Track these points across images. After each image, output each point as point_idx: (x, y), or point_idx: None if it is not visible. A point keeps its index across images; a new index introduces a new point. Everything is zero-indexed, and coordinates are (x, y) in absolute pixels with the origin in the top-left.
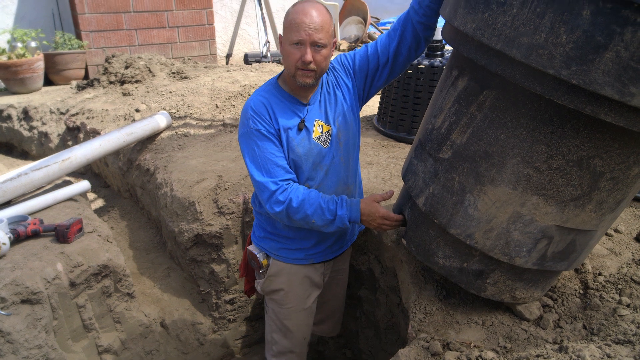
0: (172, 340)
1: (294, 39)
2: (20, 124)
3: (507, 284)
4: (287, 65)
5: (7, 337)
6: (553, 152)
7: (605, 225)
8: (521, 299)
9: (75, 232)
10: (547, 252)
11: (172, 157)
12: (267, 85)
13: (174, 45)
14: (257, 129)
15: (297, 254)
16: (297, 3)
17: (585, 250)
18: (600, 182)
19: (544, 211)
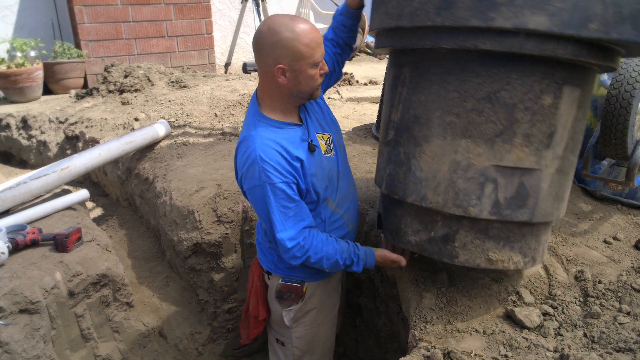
0: (171, 349)
1: (318, 59)
2: (19, 132)
3: (475, 244)
4: (308, 88)
5: (5, 347)
6: (464, 96)
7: (551, 164)
8: (499, 262)
9: (74, 241)
10: (498, 198)
11: (171, 166)
12: (258, 124)
13: (173, 55)
14: (271, 182)
15: (322, 276)
16: (294, 27)
17: (543, 197)
18: (516, 114)
19: (476, 152)
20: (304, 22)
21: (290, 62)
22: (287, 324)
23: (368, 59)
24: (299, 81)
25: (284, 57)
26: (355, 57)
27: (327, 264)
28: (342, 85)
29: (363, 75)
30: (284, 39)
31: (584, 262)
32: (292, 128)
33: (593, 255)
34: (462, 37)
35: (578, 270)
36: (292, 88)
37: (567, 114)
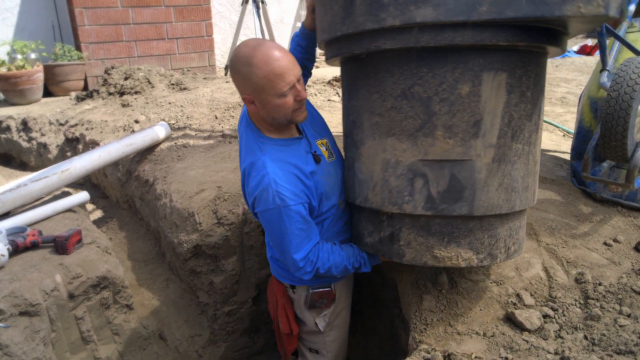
0: (171, 352)
1: (284, 90)
2: (19, 135)
3: (419, 241)
4: (280, 116)
5: (5, 350)
6: (383, 96)
7: (485, 154)
8: (446, 259)
9: (74, 243)
10: (431, 192)
11: (172, 168)
12: (264, 145)
13: (173, 57)
14: (285, 205)
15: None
16: (252, 58)
17: (481, 188)
18: (433, 107)
19: (401, 149)
20: (266, 50)
21: (253, 93)
22: (321, 330)
23: None
24: (268, 110)
25: (247, 88)
26: None
27: (336, 272)
28: None
29: None
30: (242, 71)
31: (584, 265)
32: (295, 143)
33: (593, 257)
34: (366, 41)
35: (578, 273)
36: (265, 115)
37: (494, 100)
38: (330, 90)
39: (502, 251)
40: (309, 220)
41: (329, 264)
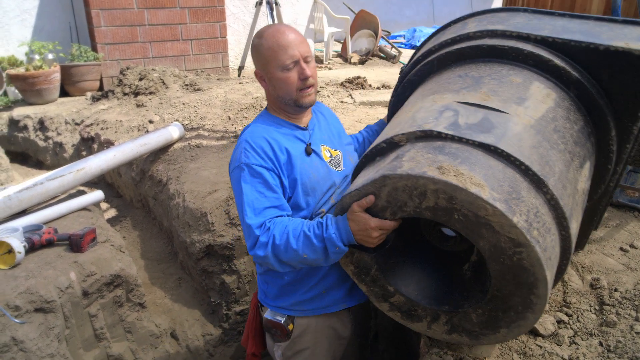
0: (182, 350)
1: (286, 61)
2: (35, 134)
3: (426, 157)
4: (284, 93)
5: (20, 346)
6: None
7: (523, 115)
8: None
9: (89, 241)
10: (458, 121)
11: (185, 168)
12: (260, 117)
13: (187, 58)
14: (248, 163)
15: (323, 302)
16: (264, 32)
17: (513, 135)
18: (483, 80)
19: (440, 98)
20: (278, 27)
21: (261, 67)
22: (277, 357)
23: (381, 63)
24: (274, 86)
25: (257, 63)
26: (369, 61)
27: (296, 243)
28: (354, 89)
29: (376, 79)
30: (254, 46)
31: (600, 270)
32: (291, 128)
33: (609, 262)
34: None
35: (593, 278)
36: (272, 93)
37: (542, 98)
38: (343, 92)
39: (522, 211)
40: (276, 191)
41: (285, 230)
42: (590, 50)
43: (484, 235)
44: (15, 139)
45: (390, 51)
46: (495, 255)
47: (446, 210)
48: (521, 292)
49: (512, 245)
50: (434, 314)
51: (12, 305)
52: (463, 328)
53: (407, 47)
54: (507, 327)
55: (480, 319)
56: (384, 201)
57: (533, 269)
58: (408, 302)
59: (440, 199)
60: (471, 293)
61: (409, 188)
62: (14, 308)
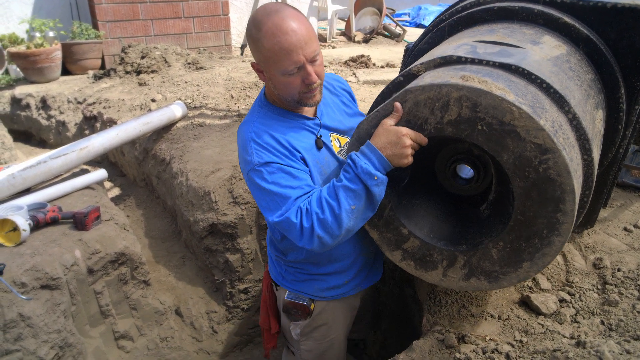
0: (187, 327)
1: (289, 68)
2: (38, 112)
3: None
4: (285, 94)
5: (28, 322)
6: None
7: (539, 53)
8: (476, 80)
9: (93, 219)
10: (477, 50)
11: (188, 147)
12: (258, 111)
13: (189, 36)
14: (261, 162)
15: (343, 289)
16: (262, 23)
17: (534, 62)
18: (496, 30)
19: (456, 42)
20: (279, 19)
21: (260, 62)
22: (294, 337)
23: (385, 42)
24: (274, 85)
25: (255, 55)
26: (373, 40)
27: (336, 202)
28: (358, 68)
29: (380, 58)
30: (251, 36)
31: (603, 250)
32: (297, 119)
33: (612, 242)
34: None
35: (597, 258)
36: (272, 89)
37: (554, 46)
38: (347, 71)
39: (547, 118)
40: (301, 177)
41: (320, 200)
42: (598, 9)
43: (509, 146)
44: (18, 117)
45: (394, 29)
46: (519, 168)
47: (469, 122)
48: (546, 211)
49: (538, 153)
50: (451, 257)
51: (18, 282)
52: (482, 269)
53: (412, 26)
54: (531, 259)
55: (501, 254)
56: (403, 121)
57: (560, 179)
58: (423, 246)
59: (464, 107)
60: (490, 228)
61: (431, 100)
62: (20, 285)
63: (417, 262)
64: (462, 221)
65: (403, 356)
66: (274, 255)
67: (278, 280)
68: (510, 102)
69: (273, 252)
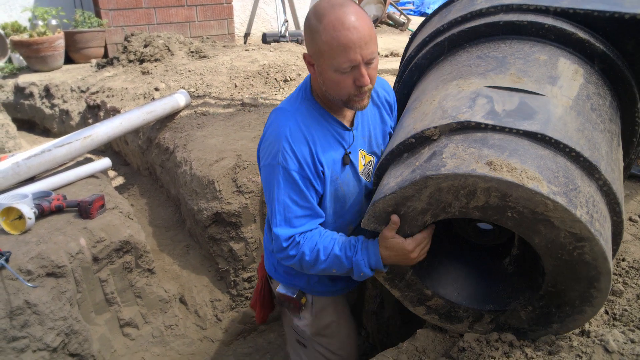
0: (191, 315)
1: (343, 65)
2: (42, 101)
3: (469, 152)
4: (333, 93)
5: (34, 309)
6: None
7: (560, 97)
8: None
9: (98, 208)
10: (495, 109)
11: (192, 136)
12: (302, 102)
13: (192, 24)
14: (285, 166)
15: (337, 285)
16: (324, 15)
17: (556, 119)
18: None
19: (466, 84)
20: (343, 14)
21: (313, 55)
22: (307, 333)
23: (389, 31)
24: (323, 81)
25: (310, 47)
26: (377, 29)
27: (326, 262)
28: None
29: (384, 47)
30: (311, 26)
31: None
32: (334, 125)
33: None
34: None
35: None
36: (321, 85)
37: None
38: None
39: (582, 203)
40: (309, 199)
41: (316, 248)
42: (615, 20)
43: (541, 232)
44: (22, 106)
45: (398, 18)
46: (552, 251)
47: (498, 209)
48: (580, 287)
49: (573, 240)
50: (477, 314)
51: (24, 269)
52: (510, 326)
53: (416, 14)
54: (561, 322)
55: (530, 316)
56: (424, 203)
57: (596, 263)
58: (447, 304)
59: (492, 197)
60: (518, 289)
61: (456, 188)
62: (26, 272)
63: (442, 316)
64: (486, 277)
65: (407, 344)
66: (268, 244)
67: (271, 273)
68: (544, 196)
69: (269, 244)
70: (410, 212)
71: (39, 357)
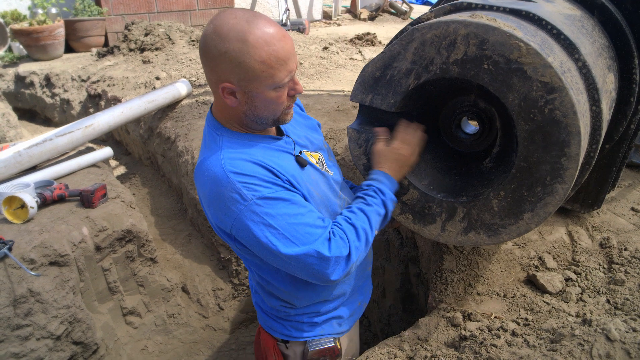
0: (193, 304)
1: (285, 79)
2: (42, 90)
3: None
4: (268, 114)
5: (37, 297)
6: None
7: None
8: None
9: (100, 197)
10: (489, 1)
11: (193, 125)
12: (220, 140)
13: (192, 13)
14: (259, 195)
15: (357, 311)
16: (248, 35)
17: (544, 10)
18: None
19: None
20: (264, 26)
21: (240, 82)
22: None
23: (391, 19)
24: (255, 105)
25: (231, 74)
26: (378, 17)
27: (367, 225)
28: (364, 45)
29: (386, 36)
30: (231, 51)
31: (610, 230)
32: (267, 142)
33: (619, 222)
34: None
35: (603, 237)
36: (247, 112)
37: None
38: (353, 49)
39: (555, 58)
40: (300, 203)
41: (353, 226)
42: None
43: (514, 86)
44: (22, 95)
45: (400, 7)
46: (525, 110)
47: (475, 60)
48: (550, 156)
49: (544, 93)
50: (450, 209)
51: (27, 258)
52: (481, 222)
53: (419, 3)
54: (532, 209)
55: (501, 205)
56: (409, 62)
57: (566, 120)
58: (422, 197)
59: (471, 45)
60: (492, 180)
61: (438, 38)
62: (29, 261)
63: (416, 215)
64: (464, 175)
65: (409, 333)
66: (276, 310)
67: (289, 336)
68: (518, 38)
69: (274, 306)
70: (395, 74)
71: (42, 345)
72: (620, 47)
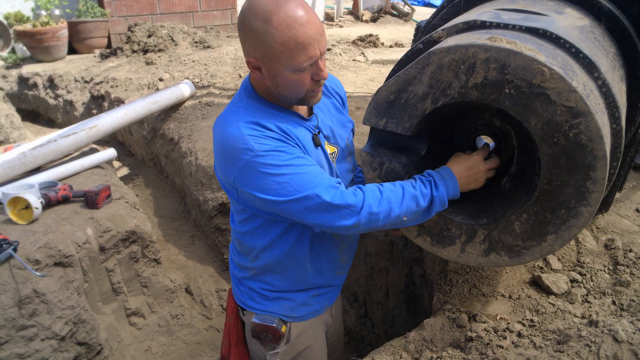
0: (197, 305)
1: (303, 64)
2: (45, 92)
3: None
4: (289, 93)
5: (42, 298)
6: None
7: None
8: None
9: (104, 198)
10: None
11: (196, 126)
12: (247, 101)
13: (195, 14)
14: (264, 149)
15: (320, 303)
16: (272, 14)
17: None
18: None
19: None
20: (292, 9)
21: (263, 59)
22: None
23: (393, 21)
24: (277, 84)
25: (256, 51)
26: (380, 19)
27: (399, 207)
28: (367, 47)
29: (388, 38)
30: (255, 28)
31: (615, 231)
32: (291, 115)
33: (624, 224)
34: None
35: (608, 239)
36: (272, 89)
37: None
38: (355, 50)
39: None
40: (311, 161)
41: (382, 195)
42: None
43: (537, 110)
44: (26, 97)
45: (402, 8)
46: (548, 134)
47: (496, 85)
48: (575, 180)
49: (569, 117)
50: (470, 231)
51: (32, 259)
52: (503, 244)
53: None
54: (556, 231)
55: (524, 227)
56: (425, 86)
57: (591, 145)
58: (440, 220)
59: (491, 69)
60: (513, 201)
61: (456, 62)
62: (34, 262)
63: (434, 237)
64: (482, 196)
65: (414, 334)
66: (237, 271)
67: (244, 303)
68: (541, 63)
69: (237, 265)
70: (411, 98)
71: (47, 346)
72: (628, 53)
